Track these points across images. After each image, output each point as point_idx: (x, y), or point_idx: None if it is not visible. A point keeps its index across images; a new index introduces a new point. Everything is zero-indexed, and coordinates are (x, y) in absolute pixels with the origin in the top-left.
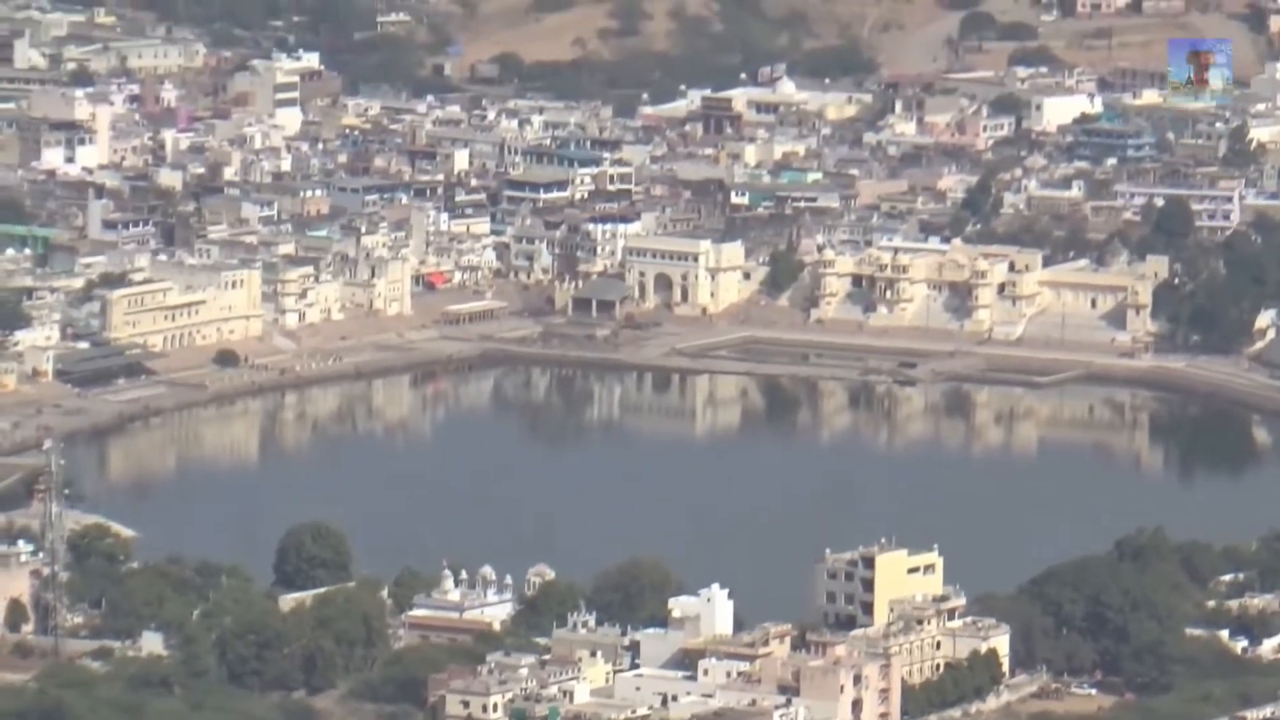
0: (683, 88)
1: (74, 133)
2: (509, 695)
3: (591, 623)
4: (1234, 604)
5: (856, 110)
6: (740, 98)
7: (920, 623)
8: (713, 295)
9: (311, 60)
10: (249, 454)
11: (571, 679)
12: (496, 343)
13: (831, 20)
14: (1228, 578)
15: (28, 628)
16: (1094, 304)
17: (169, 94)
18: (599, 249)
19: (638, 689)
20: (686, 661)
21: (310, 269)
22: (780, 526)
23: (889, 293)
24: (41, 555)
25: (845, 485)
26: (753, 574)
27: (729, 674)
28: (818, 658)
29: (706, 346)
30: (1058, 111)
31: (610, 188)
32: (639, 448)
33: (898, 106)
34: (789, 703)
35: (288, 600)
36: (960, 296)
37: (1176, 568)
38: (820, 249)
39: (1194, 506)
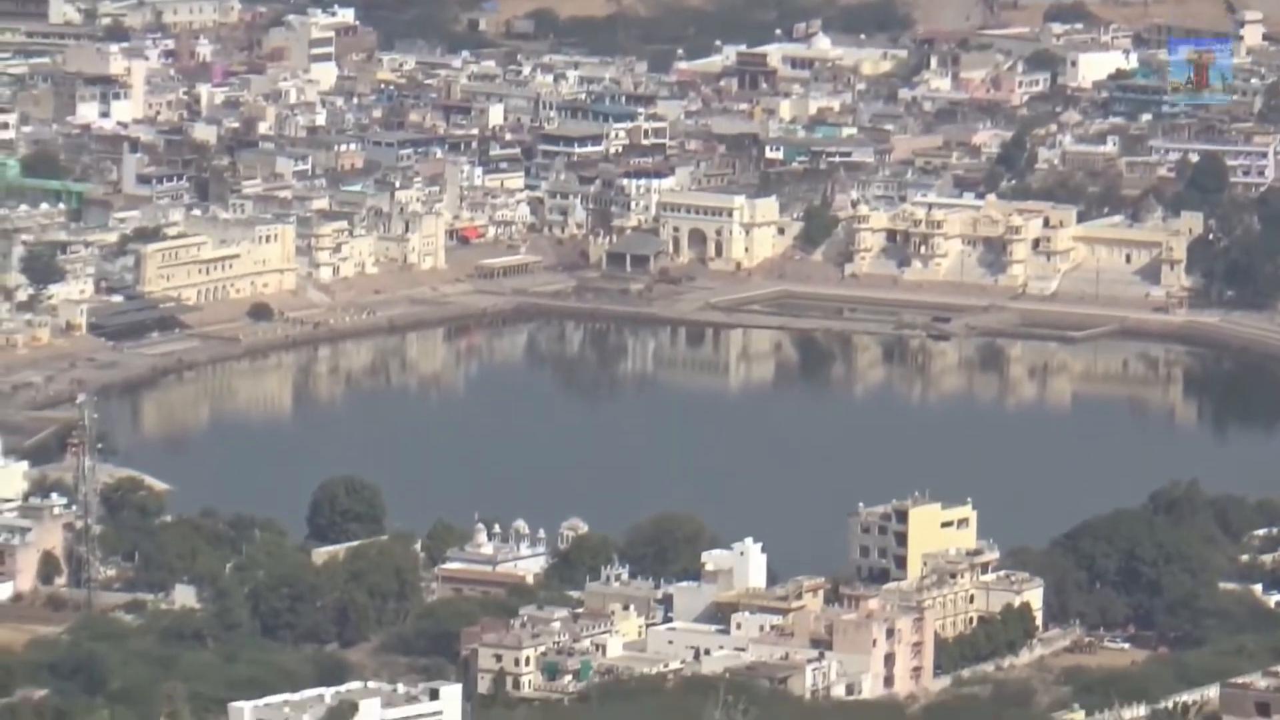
0: (718, 43)
1: (109, 87)
2: (541, 649)
3: (624, 576)
4: (1268, 558)
5: (892, 66)
6: (775, 53)
7: (953, 576)
8: (747, 250)
9: (347, 15)
10: (282, 408)
11: (604, 633)
12: (530, 297)
13: None
14: (1261, 532)
15: (61, 580)
16: (1128, 259)
17: (204, 49)
18: (633, 204)
19: (670, 643)
20: (719, 615)
21: (344, 223)
22: (813, 480)
23: (923, 248)
24: (75, 508)
25: (879, 439)
26: (786, 527)
27: (762, 628)
28: (851, 611)
29: (740, 301)
30: (1093, 67)
31: (645, 143)
32: (672, 402)
33: (933, 62)
34: (821, 657)
35: (321, 553)
36: (995, 252)
37: (1210, 521)
38: (855, 204)
39: (1228, 460)
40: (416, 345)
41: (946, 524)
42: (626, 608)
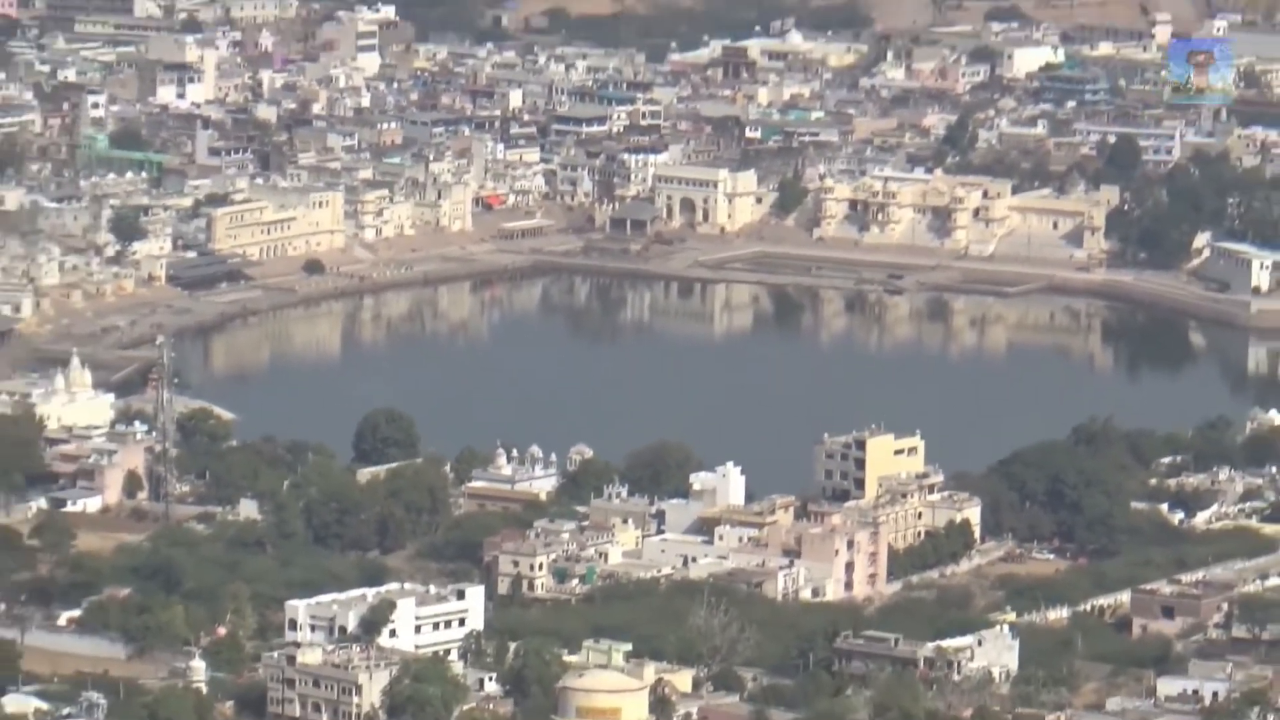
0: (705, 38)
1: (184, 73)
2: (553, 556)
3: (624, 494)
4: (1172, 483)
5: (854, 58)
6: (754, 47)
7: (904, 496)
8: (729, 216)
9: (389, 12)
10: (332, 349)
11: (606, 542)
12: (544, 255)
13: None
14: (1167, 460)
15: (142, 495)
16: (1055, 226)
17: (266, 40)
18: (632, 176)
19: (663, 551)
20: (704, 528)
21: (385, 191)
22: (785, 413)
23: (880, 215)
24: (154, 434)
25: (841, 379)
26: (761, 454)
27: (740, 539)
28: (817, 526)
29: (724, 260)
30: (1026, 61)
31: (643, 123)
32: (666, 346)
33: (889, 55)
34: (792, 564)
35: (364, 474)
36: (941, 219)
37: (1124, 451)
38: (821, 177)
39: (1139, 399)
40: (447, 296)
41: (898, 452)
42: (625, 521)
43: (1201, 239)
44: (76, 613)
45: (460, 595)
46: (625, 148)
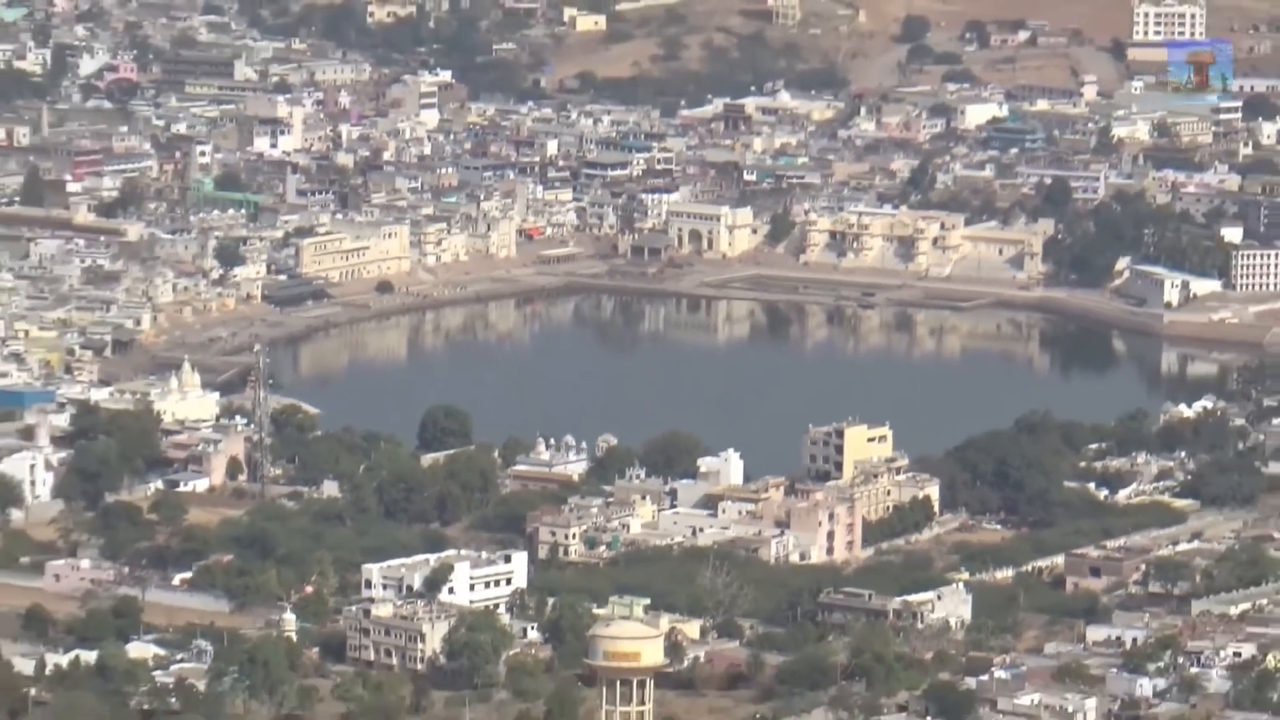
0: (709, 97)
1: (276, 126)
2: (583, 527)
3: (642, 476)
4: (1098, 465)
5: (833, 114)
6: (750, 104)
7: (875, 477)
8: (730, 245)
9: (446, 76)
10: (399, 355)
11: (628, 516)
12: (576, 277)
13: (816, 50)
14: (1094, 446)
15: (242, 477)
16: (1000, 252)
17: (344, 99)
18: (649, 211)
19: (675, 523)
20: (709, 503)
21: (444, 225)
22: (777, 408)
23: (855, 243)
24: (252, 426)
25: (823, 380)
26: (757, 441)
27: (740, 513)
28: (803, 501)
29: (725, 281)
30: (976, 115)
31: (657, 168)
32: (677, 352)
33: (862, 111)
34: (782, 533)
35: (427, 459)
36: (906, 246)
37: (1058, 439)
38: (806, 212)
39: (1070, 396)
40: (495, 311)
41: (871, 439)
42: (644, 498)
43: (1122, 263)
44: (188, 575)
45: (507, 559)
46: (643, 188)
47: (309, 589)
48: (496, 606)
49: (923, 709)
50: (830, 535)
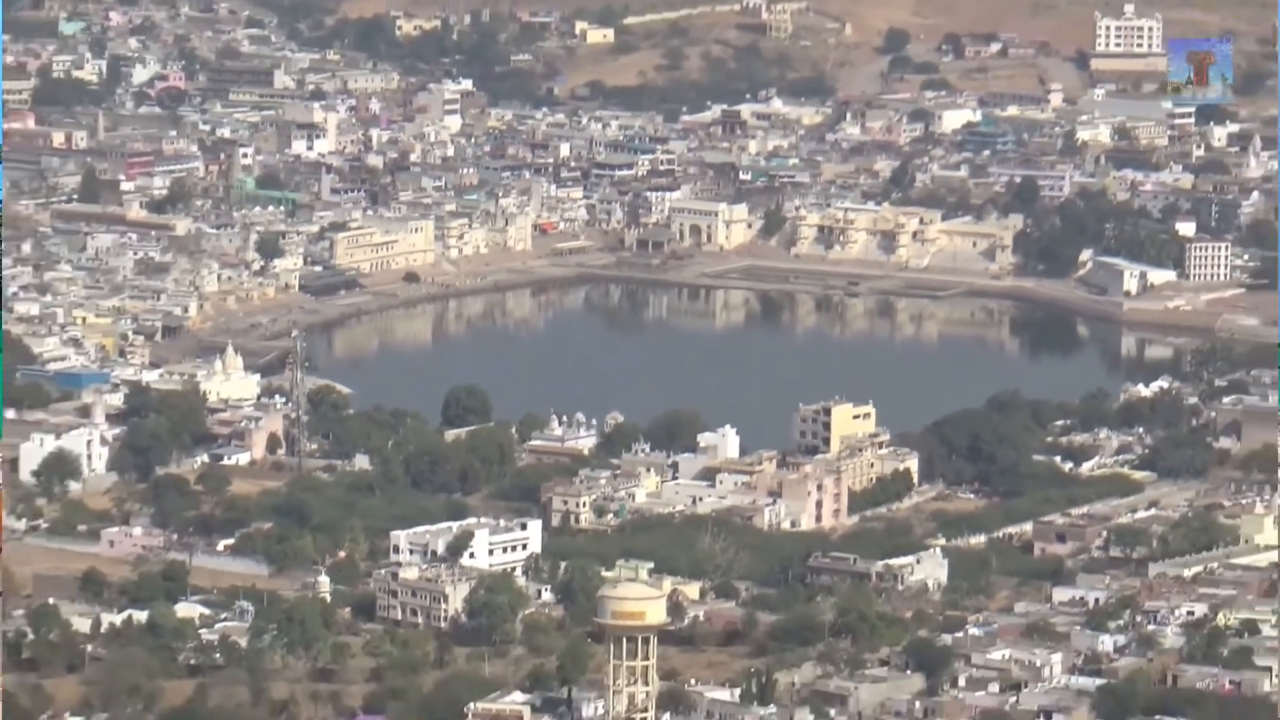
0: (708, 103)
1: (312, 131)
2: (593, 497)
3: (647, 450)
4: (1064, 440)
5: (821, 119)
6: (746, 110)
7: (860, 450)
8: (727, 238)
9: (468, 84)
10: (425, 340)
11: (634, 487)
12: (586, 268)
13: (806, 60)
14: (1060, 423)
15: (281, 452)
16: (974, 245)
17: (374, 105)
18: (654, 208)
19: (676, 493)
20: (708, 475)
21: (466, 220)
22: (770, 388)
23: (842, 237)
24: (290, 405)
25: (812, 362)
26: (752, 418)
27: (736, 484)
28: (794, 473)
29: (723, 271)
30: (952, 120)
31: (661, 169)
32: (678, 337)
33: (848, 116)
34: (775, 502)
35: (450, 434)
36: (888, 240)
37: (1027, 416)
38: (797, 208)
39: (1039, 376)
40: (512, 300)
41: (856, 416)
42: (648, 470)
43: (1086, 254)
44: (231, 541)
45: (523, 527)
46: (648, 187)
47: (342, 554)
48: (513, 570)
49: (903, 663)
50: (819, 504)
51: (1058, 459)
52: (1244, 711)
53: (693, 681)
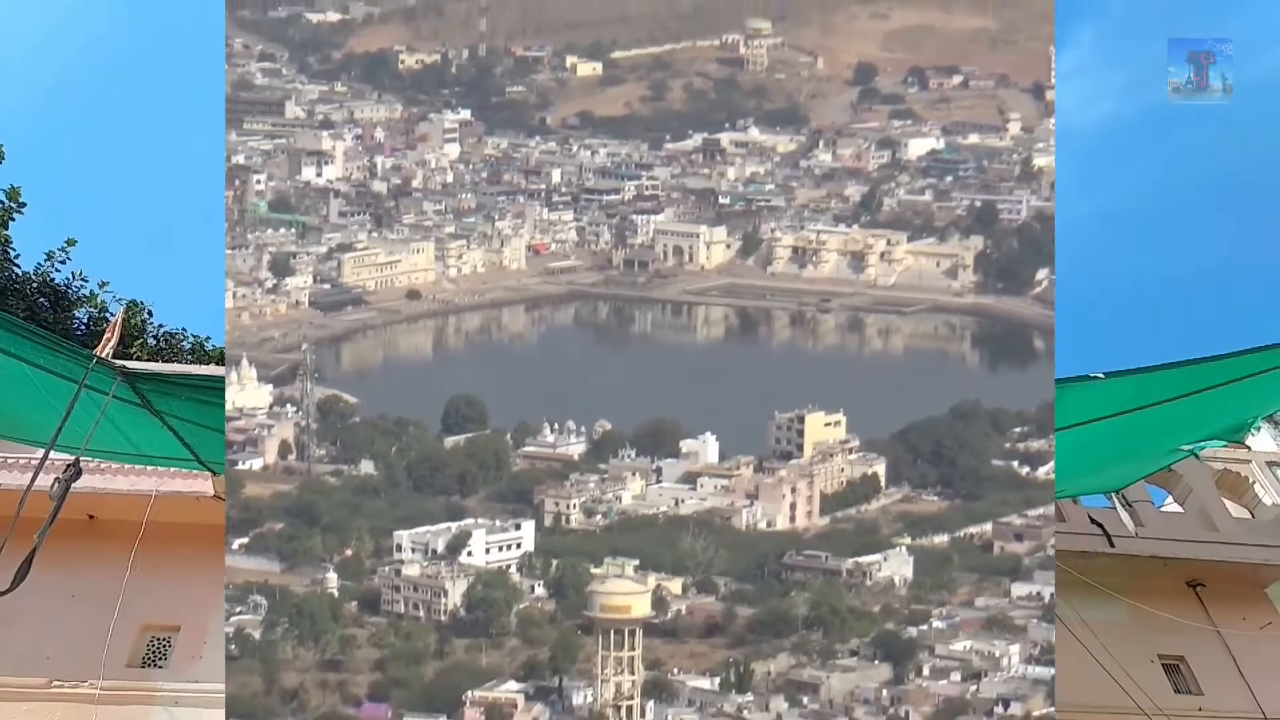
0: (690, 132)
1: (320, 158)
2: (583, 499)
3: (633, 455)
4: (1021, 446)
5: (795, 146)
6: (725, 138)
7: (831, 456)
8: (707, 258)
9: (466, 114)
10: (426, 354)
11: (621, 490)
12: (576, 286)
13: (781, 92)
14: (1018, 430)
15: (292, 457)
16: (938, 264)
17: (379, 134)
18: (639, 230)
19: (660, 495)
20: (690, 479)
21: (464, 241)
22: (747, 398)
23: (814, 257)
24: (299, 413)
25: (787, 374)
26: (730, 426)
27: (715, 487)
28: (770, 477)
29: (704, 289)
30: (917, 148)
31: (646, 193)
32: (663, 350)
33: (820, 144)
34: (752, 504)
35: (449, 441)
36: (858, 259)
37: (987, 423)
38: (772, 230)
39: (998, 387)
40: (507, 315)
41: (828, 424)
42: (634, 475)
43: (1042, 274)
44: (245, 539)
45: (517, 527)
46: (634, 210)
47: (349, 552)
48: (508, 566)
49: (871, 654)
50: (793, 506)
51: (1015, 464)
52: None
53: (675, 671)
